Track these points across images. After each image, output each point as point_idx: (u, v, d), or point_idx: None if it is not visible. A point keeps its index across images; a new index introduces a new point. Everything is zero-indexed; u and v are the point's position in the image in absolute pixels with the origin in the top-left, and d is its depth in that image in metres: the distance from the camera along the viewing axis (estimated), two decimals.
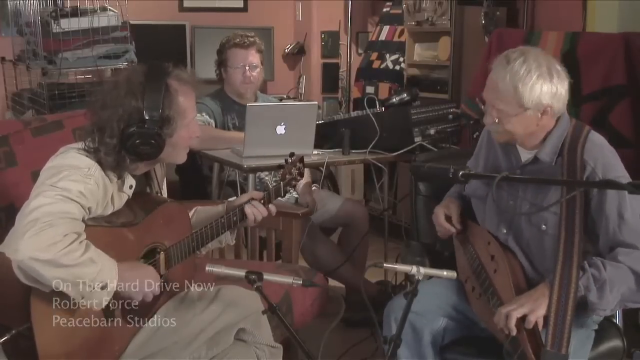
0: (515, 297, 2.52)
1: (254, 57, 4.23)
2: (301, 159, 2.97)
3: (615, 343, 2.72)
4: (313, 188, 4.26)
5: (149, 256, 2.54)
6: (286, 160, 2.92)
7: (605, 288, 2.45)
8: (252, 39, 4.25)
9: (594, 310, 2.50)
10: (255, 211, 2.75)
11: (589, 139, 2.60)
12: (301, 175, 2.96)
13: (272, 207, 2.81)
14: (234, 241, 2.91)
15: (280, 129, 3.77)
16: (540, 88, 2.52)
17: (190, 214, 2.82)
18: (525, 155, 2.69)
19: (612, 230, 2.51)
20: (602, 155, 2.57)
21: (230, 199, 2.86)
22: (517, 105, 2.53)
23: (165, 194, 2.78)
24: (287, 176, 2.90)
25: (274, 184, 2.90)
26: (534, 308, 2.44)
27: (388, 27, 6.34)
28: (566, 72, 2.59)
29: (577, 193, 2.50)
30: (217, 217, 2.71)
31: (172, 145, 2.53)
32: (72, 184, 2.31)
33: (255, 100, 4.30)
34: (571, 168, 2.55)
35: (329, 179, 5.32)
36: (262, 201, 2.78)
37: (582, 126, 2.66)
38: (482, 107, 2.66)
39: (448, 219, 2.87)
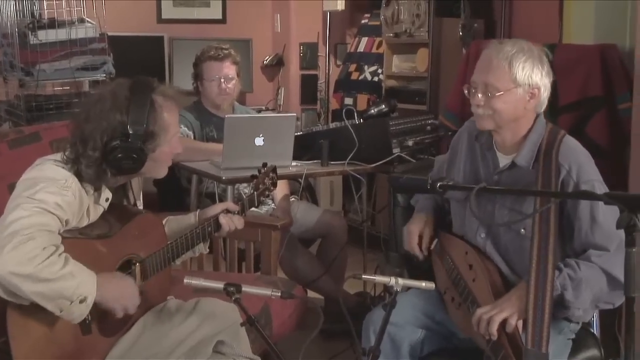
0: (495, 302, 2.53)
1: (229, 69, 4.23)
2: (274, 169, 2.99)
3: (593, 352, 2.73)
4: (291, 199, 4.26)
5: (125, 268, 2.53)
6: (259, 171, 2.95)
7: (581, 287, 2.48)
8: (226, 51, 4.25)
9: (570, 309, 2.52)
10: (230, 222, 2.76)
11: (563, 143, 2.64)
12: (274, 185, 2.99)
13: (238, 220, 2.80)
14: (207, 250, 2.91)
15: (259, 141, 3.76)
16: (531, 68, 2.59)
17: (163, 222, 2.82)
18: (503, 161, 2.71)
19: (584, 232, 2.54)
20: (577, 159, 2.60)
21: (202, 210, 2.86)
22: (510, 80, 2.58)
23: (141, 206, 2.78)
24: (260, 186, 2.93)
25: (248, 194, 2.91)
26: (514, 312, 2.46)
27: (366, 38, 6.37)
28: (551, 71, 2.66)
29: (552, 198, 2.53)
30: (190, 227, 2.72)
31: (154, 160, 2.53)
32: (49, 196, 2.30)
33: (233, 112, 4.30)
34: (546, 172, 2.58)
35: (307, 191, 5.32)
36: (236, 212, 2.79)
37: (558, 131, 2.70)
38: (467, 93, 2.67)
39: (420, 239, 2.88)
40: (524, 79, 2.58)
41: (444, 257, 2.84)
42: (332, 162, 4.06)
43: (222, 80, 4.21)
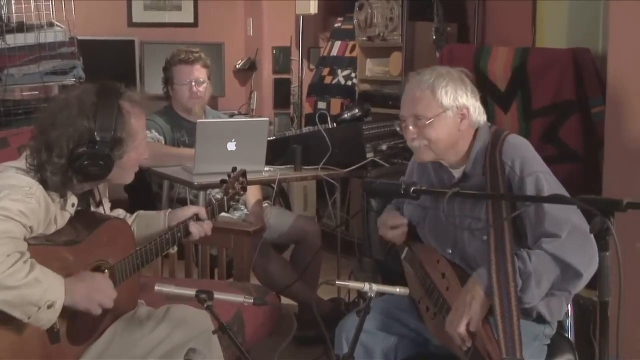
0: (452, 308, 2.54)
1: (199, 73, 4.21)
2: (243, 173, 3.00)
3: (568, 357, 2.74)
4: (264, 205, 4.25)
5: None
6: (229, 175, 2.95)
7: (530, 280, 2.47)
8: (196, 54, 4.23)
9: (519, 303, 2.50)
10: (200, 229, 2.77)
11: (505, 141, 2.66)
12: (244, 189, 3.00)
13: (208, 226, 2.80)
14: (175, 249, 2.91)
15: (231, 145, 3.75)
16: (455, 90, 2.62)
17: (131, 219, 2.82)
18: (457, 173, 2.73)
19: (534, 222, 2.54)
20: (518, 153, 2.62)
21: (172, 210, 2.85)
22: (437, 105, 2.61)
23: (107, 210, 2.76)
24: (230, 191, 2.93)
25: (218, 199, 2.91)
26: (472, 315, 2.47)
27: (339, 42, 6.38)
28: (475, 89, 2.69)
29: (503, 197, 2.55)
30: (158, 231, 2.73)
31: (121, 166, 2.52)
32: (12, 203, 2.28)
33: (204, 116, 4.28)
34: (493, 173, 2.59)
35: (280, 196, 5.31)
36: (206, 218, 2.80)
37: (501, 132, 2.72)
38: (400, 129, 2.72)
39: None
40: (450, 102, 2.61)
41: (415, 266, 2.83)
42: (305, 167, 4.05)
43: (193, 83, 4.19)
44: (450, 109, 2.61)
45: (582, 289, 2.57)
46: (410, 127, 2.65)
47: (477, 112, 2.67)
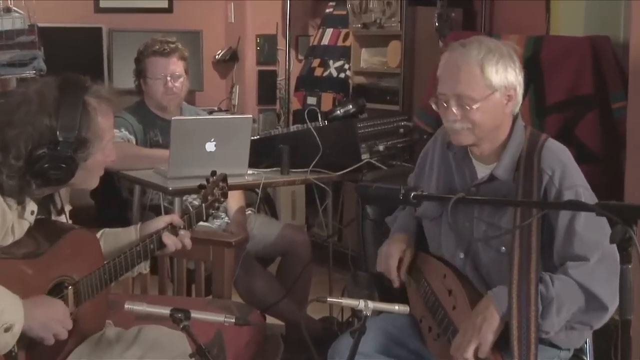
0: (460, 330, 2.54)
1: (176, 66, 4.21)
2: (224, 178, 2.99)
3: None
4: (248, 212, 4.25)
5: (56, 292, 2.50)
6: (207, 180, 2.93)
7: (552, 307, 2.48)
8: (173, 45, 4.23)
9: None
10: (176, 241, 2.75)
11: (545, 147, 2.65)
12: (225, 195, 2.98)
13: (185, 237, 2.79)
14: (148, 269, 2.89)
15: (210, 146, 3.75)
16: (505, 68, 2.59)
17: (97, 235, 2.80)
18: (481, 172, 2.72)
19: (563, 241, 2.55)
20: (560, 162, 2.62)
21: (144, 223, 2.84)
22: (485, 86, 2.57)
23: (67, 216, 2.75)
24: (209, 197, 2.91)
25: (196, 206, 2.89)
26: (481, 340, 2.47)
27: (331, 30, 6.38)
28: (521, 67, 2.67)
29: (534, 210, 2.54)
30: (130, 244, 2.70)
31: (86, 169, 2.52)
32: None
33: (181, 113, 4.28)
34: (527, 182, 2.59)
35: (265, 202, 5.31)
36: (183, 227, 2.78)
37: (539, 135, 2.71)
38: (436, 106, 2.66)
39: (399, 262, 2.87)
40: (499, 81, 2.58)
41: (419, 281, 2.83)
42: (293, 170, 4.05)
43: (169, 78, 4.18)
44: (499, 90, 2.59)
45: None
46: (453, 109, 2.60)
47: (521, 95, 2.66)
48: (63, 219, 2.69)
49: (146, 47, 4.25)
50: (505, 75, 2.58)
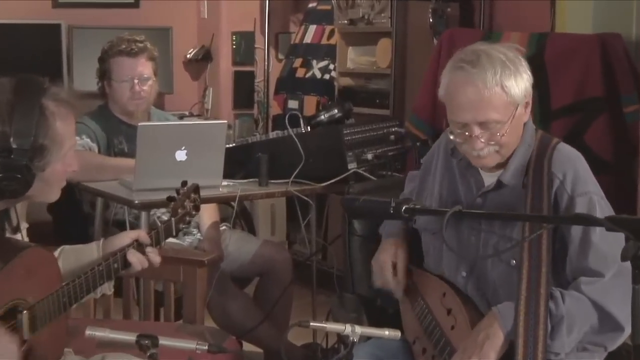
0: (460, 349, 2.55)
1: (144, 67, 4.20)
2: (196, 189, 2.98)
3: None
4: (222, 228, 4.25)
5: (9, 316, 2.49)
6: (177, 192, 2.92)
7: (562, 326, 2.49)
8: (141, 45, 4.22)
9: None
10: (142, 258, 2.74)
11: (556, 150, 2.68)
12: (197, 209, 2.97)
13: (153, 255, 2.78)
14: (112, 291, 2.88)
15: (181, 155, 3.76)
16: (522, 77, 2.60)
17: (55, 254, 2.78)
18: (488, 180, 2.73)
19: (576, 255, 2.57)
20: (572, 166, 2.64)
21: (107, 239, 2.83)
22: (510, 104, 2.58)
23: (24, 235, 2.74)
24: (179, 211, 2.90)
25: (164, 221, 2.88)
26: (482, 359, 2.49)
27: (315, 26, 6.39)
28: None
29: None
30: (91, 262, 2.69)
31: (44, 181, 2.52)
32: None
33: (148, 119, 4.28)
34: (537, 187, 2.61)
35: (242, 217, 5.31)
36: (150, 244, 2.77)
37: (550, 138, 2.74)
38: (454, 136, 2.65)
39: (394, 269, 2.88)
40: (521, 94, 2.60)
41: (414, 299, 2.84)
42: (272, 181, 4.06)
43: (136, 80, 4.17)
44: (520, 102, 2.61)
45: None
46: (481, 139, 2.59)
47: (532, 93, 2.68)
48: (19, 237, 2.68)
49: (111, 46, 4.23)
50: (523, 85, 2.60)
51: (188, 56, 6.86)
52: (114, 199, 3.92)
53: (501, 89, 2.56)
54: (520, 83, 2.59)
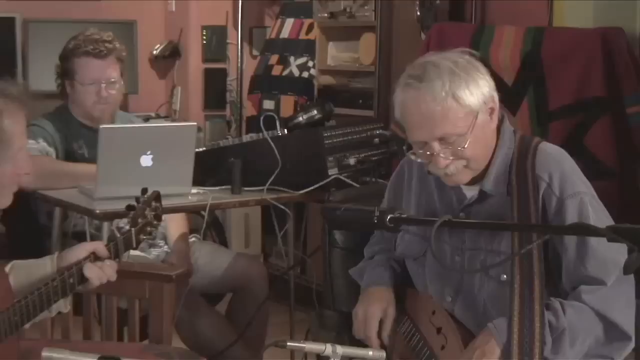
0: None
1: (112, 70, 4.15)
2: (157, 196, 2.98)
3: None
4: (192, 240, 4.24)
5: None
6: (137, 200, 2.92)
7: (564, 339, 2.51)
8: (110, 45, 4.15)
9: None
10: (100, 273, 2.72)
11: (539, 150, 2.69)
12: (159, 218, 2.97)
13: (109, 269, 2.77)
14: (69, 308, 2.87)
15: (146, 160, 3.75)
16: (476, 83, 2.60)
17: (5, 270, 2.77)
18: (469, 192, 2.74)
19: (574, 262, 2.58)
20: (557, 166, 2.65)
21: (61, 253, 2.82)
22: (467, 114, 2.59)
23: None
24: (139, 220, 2.89)
25: (124, 231, 2.87)
26: None
27: (292, 20, 6.40)
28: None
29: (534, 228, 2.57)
30: (45, 278, 2.67)
31: None
32: None
33: (112, 121, 4.25)
34: (522, 192, 2.62)
35: (213, 228, 5.31)
36: (108, 256, 2.76)
37: (530, 138, 2.76)
38: (415, 157, 2.68)
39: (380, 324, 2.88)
40: (477, 101, 2.60)
41: (400, 318, 2.85)
42: (246, 189, 4.06)
43: (103, 85, 4.12)
44: (480, 109, 2.61)
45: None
46: (442, 155, 2.61)
47: (497, 98, 2.67)
48: None
49: (77, 46, 4.15)
50: (479, 91, 2.61)
51: (154, 52, 6.86)
52: (73, 208, 3.90)
53: (453, 100, 2.57)
54: (475, 90, 2.59)
